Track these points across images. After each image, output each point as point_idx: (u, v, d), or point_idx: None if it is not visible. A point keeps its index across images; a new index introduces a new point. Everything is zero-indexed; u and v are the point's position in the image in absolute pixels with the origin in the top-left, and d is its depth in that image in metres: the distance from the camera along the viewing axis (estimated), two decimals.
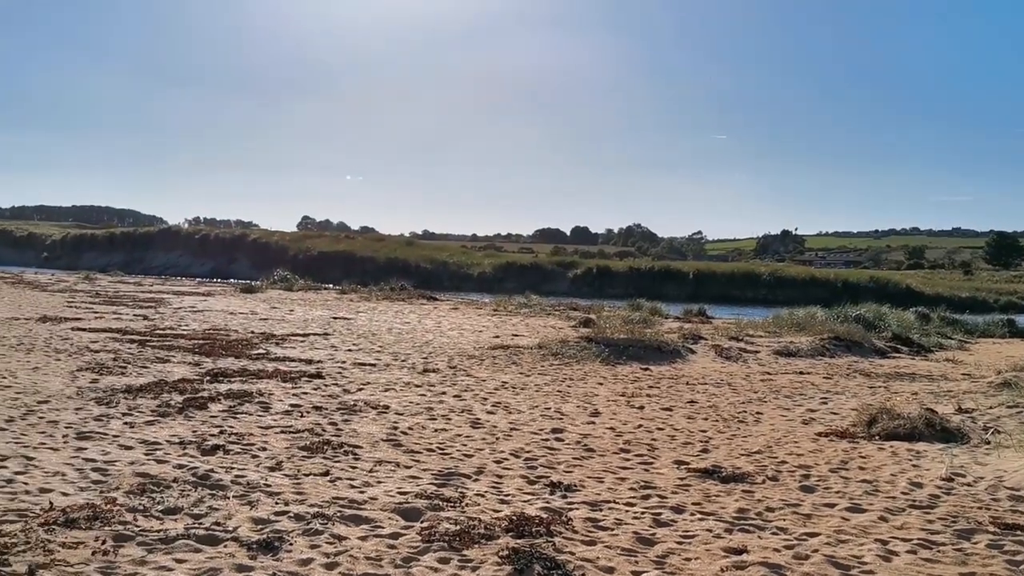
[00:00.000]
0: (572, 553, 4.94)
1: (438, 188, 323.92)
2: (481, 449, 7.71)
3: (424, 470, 6.82)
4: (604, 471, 7.08)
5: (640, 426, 9.16)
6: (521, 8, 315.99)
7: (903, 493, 6.63)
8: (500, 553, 4.83)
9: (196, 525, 5.10)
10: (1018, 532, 5.58)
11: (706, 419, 9.76)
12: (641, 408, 10.32)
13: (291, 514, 5.41)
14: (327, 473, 6.57)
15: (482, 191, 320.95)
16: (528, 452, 7.67)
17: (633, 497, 6.30)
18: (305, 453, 7.18)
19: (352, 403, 9.69)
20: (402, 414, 9.22)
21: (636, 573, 4.73)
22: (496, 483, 6.54)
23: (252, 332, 17.60)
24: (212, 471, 6.38)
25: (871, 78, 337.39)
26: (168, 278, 53.90)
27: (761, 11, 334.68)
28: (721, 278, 55.56)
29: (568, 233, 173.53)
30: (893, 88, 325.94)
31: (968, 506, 6.27)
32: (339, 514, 5.48)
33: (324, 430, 8.18)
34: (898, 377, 14.09)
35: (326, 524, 5.27)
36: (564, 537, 5.22)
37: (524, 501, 6.05)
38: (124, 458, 6.68)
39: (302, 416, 8.83)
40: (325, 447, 7.41)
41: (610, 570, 4.74)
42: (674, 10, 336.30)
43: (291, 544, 4.87)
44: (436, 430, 8.47)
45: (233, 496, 5.78)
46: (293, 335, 17.27)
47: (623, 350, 15.11)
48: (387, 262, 59.34)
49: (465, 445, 7.85)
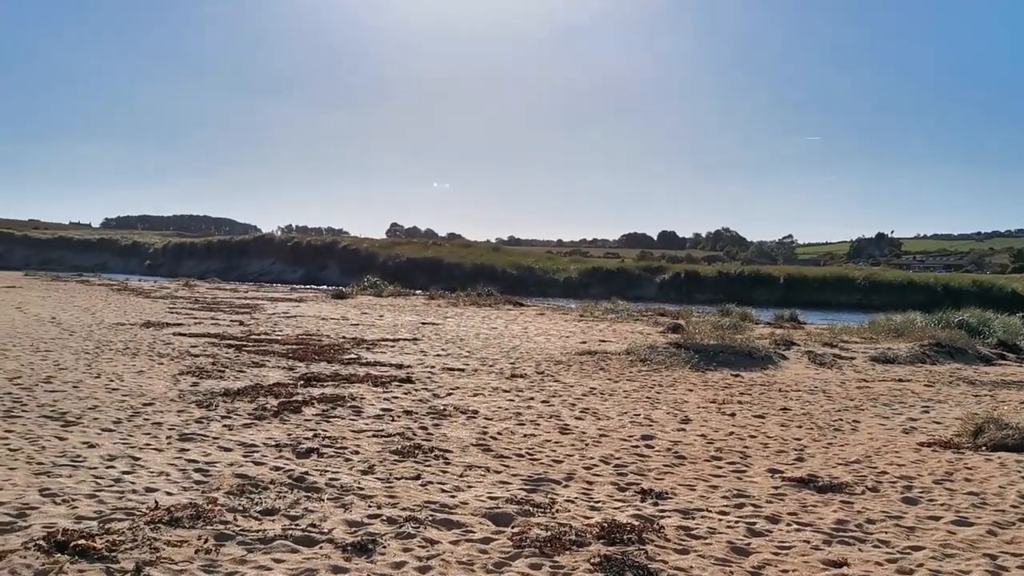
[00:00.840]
0: (665, 562, 4.87)
1: (523, 194, 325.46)
2: (570, 455, 7.68)
3: (514, 475, 6.83)
4: (696, 479, 6.97)
5: (732, 433, 9.00)
6: (606, 9, 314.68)
7: (1013, 506, 6.34)
8: (592, 560, 4.80)
9: (293, 526, 5.22)
10: None
11: (800, 427, 9.52)
12: (732, 415, 10.13)
13: (384, 517, 5.49)
14: (418, 477, 6.63)
15: (567, 196, 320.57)
16: (618, 458, 7.61)
17: (726, 506, 6.18)
18: (397, 457, 7.27)
19: (442, 408, 9.79)
20: (491, 419, 9.26)
21: None
22: (586, 489, 6.51)
23: (343, 337, 17.95)
24: (307, 474, 6.52)
25: (970, 74, 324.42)
26: (262, 284, 55.45)
27: (853, 7, 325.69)
28: (813, 282, 54.32)
29: (655, 238, 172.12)
30: (996, 85, 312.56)
31: None
32: (431, 518, 5.53)
33: (415, 434, 8.27)
34: (1005, 385, 13.48)
35: (418, 528, 5.32)
36: (656, 545, 5.15)
37: (615, 508, 6.00)
38: (224, 460, 6.90)
39: (393, 420, 8.96)
40: (416, 451, 7.49)
41: None
42: (761, 9, 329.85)
43: (384, 547, 4.94)
44: (525, 435, 8.48)
45: (327, 498, 5.90)
46: (383, 340, 17.55)
47: (713, 356, 14.91)
48: (473, 268, 59.89)
49: (554, 451, 7.83)
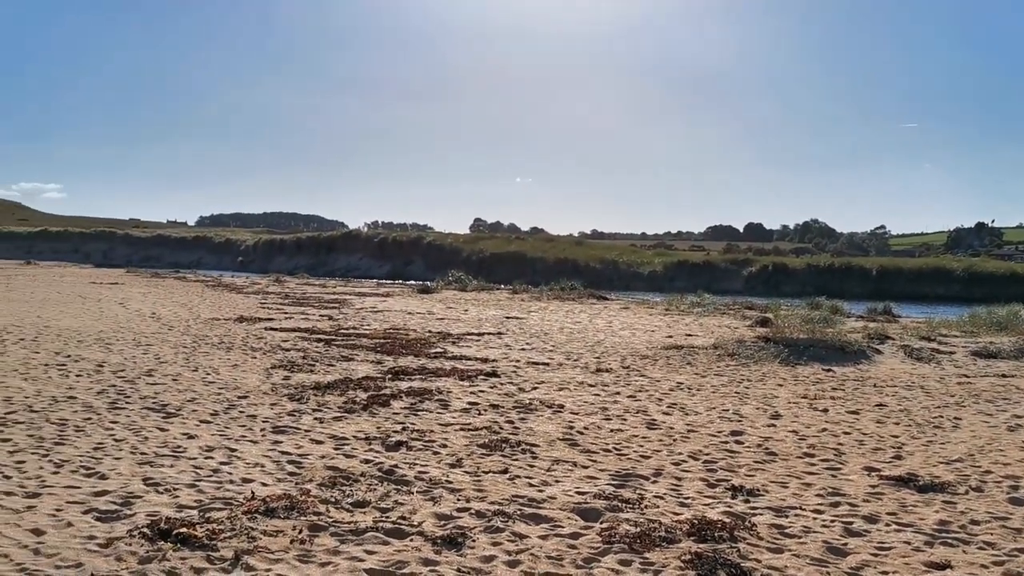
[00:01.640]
0: (758, 560, 4.77)
1: (606, 187, 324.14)
2: (658, 450, 7.59)
3: (601, 470, 6.79)
4: (788, 476, 6.81)
5: (824, 430, 8.76)
6: None
7: None
8: (682, 557, 4.74)
9: (383, 519, 5.30)
10: None
11: (897, 424, 9.20)
12: (825, 411, 9.86)
13: (472, 511, 5.52)
14: (506, 471, 6.65)
15: (651, 189, 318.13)
16: (707, 454, 7.49)
17: (821, 504, 6.02)
18: (484, 451, 7.31)
19: (527, 402, 9.80)
20: (577, 413, 9.23)
21: None
22: (675, 485, 6.42)
23: (429, 331, 18.15)
24: (396, 467, 6.61)
25: None
26: (350, 280, 56.37)
27: None
28: (908, 274, 52.44)
29: (741, 230, 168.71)
30: None
31: None
32: (519, 512, 5.53)
33: (501, 428, 8.30)
34: None
35: (507, 522, 5.33)
36: (748, 543, 5.05)
37: (705, 504, 5.91)
38: (315, 452, 7.05)
39: (480, 414, 9.01)
40: (503, 445, 7.52)
41: None
42: None
43: (474, 541, 4.96)
44: (612, 430, 8.42)
45: (417, 491, 5.96)
46: (468, 334, 17.68)
47: (803, 350, 14.54)
48: (556, 262, 59.64)
49: (642, 446, 7.76)
